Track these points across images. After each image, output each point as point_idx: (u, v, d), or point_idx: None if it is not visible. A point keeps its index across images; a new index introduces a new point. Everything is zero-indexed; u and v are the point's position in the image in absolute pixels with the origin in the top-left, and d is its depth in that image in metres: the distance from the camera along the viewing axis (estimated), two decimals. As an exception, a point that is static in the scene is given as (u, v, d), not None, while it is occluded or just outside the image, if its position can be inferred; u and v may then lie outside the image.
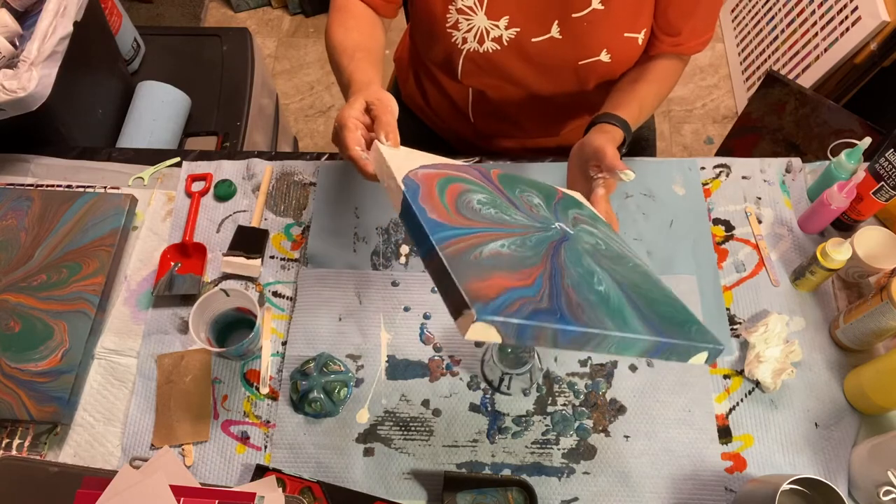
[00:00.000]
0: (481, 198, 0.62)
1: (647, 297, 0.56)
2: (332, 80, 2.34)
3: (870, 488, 0.75)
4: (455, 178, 0.64)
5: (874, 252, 0.87)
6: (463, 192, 0.61)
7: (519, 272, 0.52)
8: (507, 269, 0.52)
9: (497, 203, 0.62)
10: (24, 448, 0.84)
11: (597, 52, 0.86)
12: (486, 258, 0.52)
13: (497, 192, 0.65)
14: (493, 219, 0.58)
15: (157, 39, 1.53)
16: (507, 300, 0.48)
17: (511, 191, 0.67)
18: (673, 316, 0.56)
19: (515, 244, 0.56)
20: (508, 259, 0.53)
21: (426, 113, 1.12)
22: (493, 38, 0.86)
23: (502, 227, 0.57)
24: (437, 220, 0.54)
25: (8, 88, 0.94)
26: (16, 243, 0.94)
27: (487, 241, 0.54)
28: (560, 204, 0.68)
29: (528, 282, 0.51)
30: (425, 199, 0.57)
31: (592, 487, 0.80)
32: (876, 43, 1.58)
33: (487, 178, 0.68)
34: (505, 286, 0.50)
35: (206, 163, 1.06)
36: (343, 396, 0.85)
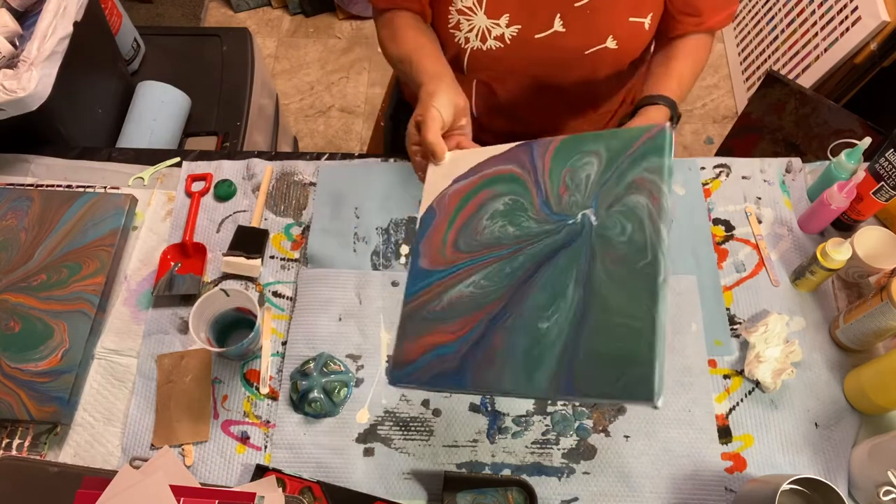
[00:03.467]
0: (499, 207, 0.66)
1: (603, 328, 0.56)
2: (332, 80, 2.34)
3: (870, 488, 0.75)
4: (485, 184, 0.67)
5: (874, 252, 0.87)
6: (482, 205, 0.67)
7: (460, 320, 0.61)
8: (451, 319, 0.61)
9: (515, 208, 0.65)
10: (24, 448, 0.84)
11: (602, 38, 0.86)
12: (440, 310, 0.62)
13: (531, 184, 0.65)
14: (490, 241, 0.64)
15: (157, 39, 1.53)
16: (422, 363, 0.60)
17: (562, 164, 0.65)
18: (616, 356, 0.54)
19: (488, 277, 0.62)
20: (465, 303, 0.62)
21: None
22: (495, 37, 0.86)
23: (493, 251, 0.63)
24: (423, 267, 0.66)
25: (8, 88, 0.94)
26: (16, 243, 0.94)
27: (459, 281, 0.63)
28: (629, 160, 0.62)
29: (460, 334, 0.60)
30: (430, 236, 0.67)
31: (592, 487, 0.80)
32: (876, 43, 1.58)
33: (537, 158, 0.67)
34: (432, 344, 0.61)
35: (206, 163, 1.06)
36: (343, 396, 0.85)
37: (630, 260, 0.57)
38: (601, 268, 0.58)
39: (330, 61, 2.39)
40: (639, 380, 0.52)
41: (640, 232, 0.57)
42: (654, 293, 0.54)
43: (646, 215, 0.58)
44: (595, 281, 0.57)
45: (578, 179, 0.63)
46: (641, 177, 0.60)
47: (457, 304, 0.62)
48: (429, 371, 0.60)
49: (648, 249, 0.56)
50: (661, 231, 0.56)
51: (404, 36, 0.86)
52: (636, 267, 0.56)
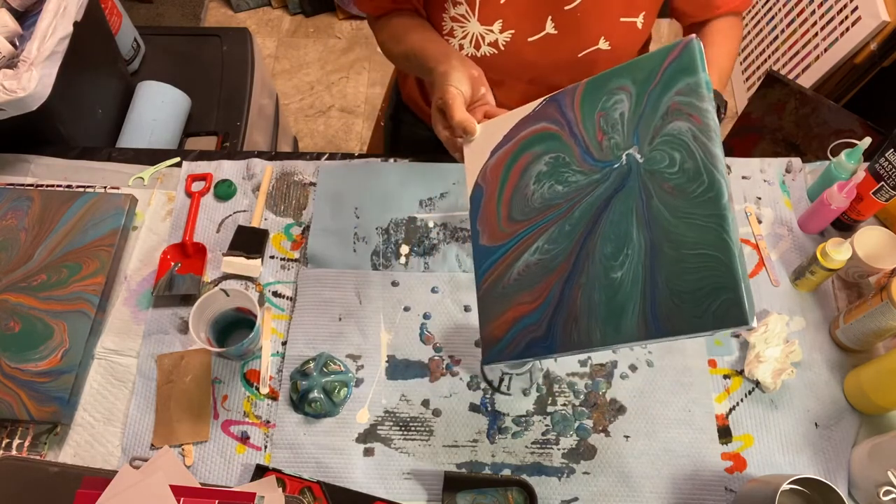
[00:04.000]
0: (542, 168, 0.64)
1: (677, 265, 0.54)
2: (331, 80, 2.34)
3: (870, 488, 0.75)
4: (523, 148, 0.66)
5: (874, 252, 0.87)
6: (525, 170, 0.66)
7: (535, 288, 0.61)
8: (527, 288, 0.62)
9: (558, 165, 0.64)
10: (24, 448, 0.84)
11: (594, 41, 0.86)
12: (513, 282, 0.63)
13: (568, 137, 0.64)
14: (543, 205, 0.63)
15: (157, 39, 1.53)
16: (511, 337, 0.61)
17: (593, 109, 0.63)
18: (698, 288, 0.53)
19: (551, 240, 0.61)
20: (534, 271, 0.62)
21: (426, 112, 1.12)
22: (489, 43, 0.86)
23: (548, 214, 0.63)
24: (485, 245, 0.66)
25: (8, 88, 0.94)
26: (16, 243, 0.94)
27: (523, 251, 0.63)
28: (659, 87, 0.59)
29: (538, 302, 0.60)
30: (483, 212, 0.67)
31: (592, 487, 0.80)
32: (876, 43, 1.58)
33: (566, 109, 0.66)
34: (515, 317, 0.61)
35: (206, 163, 1.06)
36: (343, 396, 0.85)
37: (687, 189, 0.55)
38: (659, 204, 0.56)
39: (330, 61, 2.39)
40: (729, 305, 0.51)
41: (691, 158, 0.55)
42: (720, 216, 0.52)
43: (690, 139, 0.55)
44: (657, 219, 0.56)
45: (613, 120, 0.61)
46: (675, 102, 0.57)
47: (527, 274, 0.62)
48: (518, 344, 0.61)
49: (704, 173, 0.54)
50: (712, 149, 0.54)
51: (405, 33, 0.87)
52: (695, 194, 0.54)
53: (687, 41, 0.57)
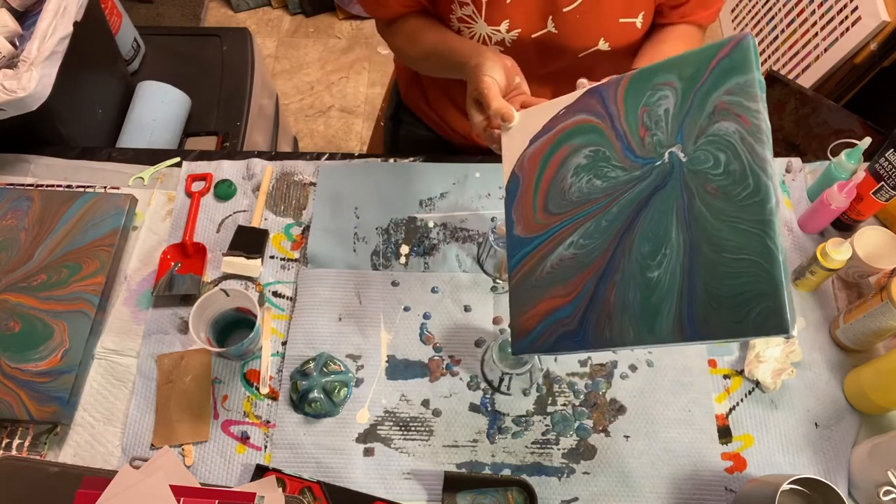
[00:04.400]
0: (581, 161, 0.63)
1: (717, 268, 0.53)
2: (331, 80, 2.34)
3: (870, 488, 0.75)
4: (562, 139, 0.65)
5: (874, 252, 0.87)
6: (563, 162, 0.64)
7: (569, 283, 0.60)
8: (561, 282, 0.61)
9: (597, 160, 0.62)
10: (24, 448, 0.84)
11: (594, 41, 0.86)
12: (546, 275, 0.62)
13: (609, 131, 0.62)
14: (580, 199, 0.62)
15: (157, 39, 1.53)
16: (542, 329, 0.61)
17: (636, 104, 0.61)
18: (739, 293, 0.52)
19: (586, 235, 0.61)
20: (568, 265, 0.61)
21: (426, 113, 1.12)
22: (495, 42, 0.86)
23: (585, 208, 0.61)
24: (519, 235, 0.65)
25: (8, 88, 0.94)
26: (16, 243, 0.94)
27: (557, 244, 0.62)
28: (707, 84, 0.57)
29: (572, 296, 0.60)
30: (519, 202, 0.66)
31: (592, 487, 0.80)
32: (876, 43, 1.58)
33: (609, 102, 0.64)
34: (547, 310, 0.61)
35: (206, 163, 1.06)
36: (343, 396, 0.85)
37: (731, 192, 0.53)
38: (702, 206, 0.54)
39: (330, 61, 2.39)
40: (769, 313, 0.49)
41: (736, 160, 0.53)
42: (766, 222, 0.51)
43: (738, 140, 0.53)
44: (699, 220, 0.54)
45: (657, 116, 0.59)
46: (723, 101, 0.54)
47: (561, 268, 0.61)
48: (550, 336, 0.60)
49: (750, 176, 0.52)
50: (760, 152, 0.52)
51: (421, 33, 0.87)
52: (739, 197, 0.52)
53: (740, 38, 0.55)
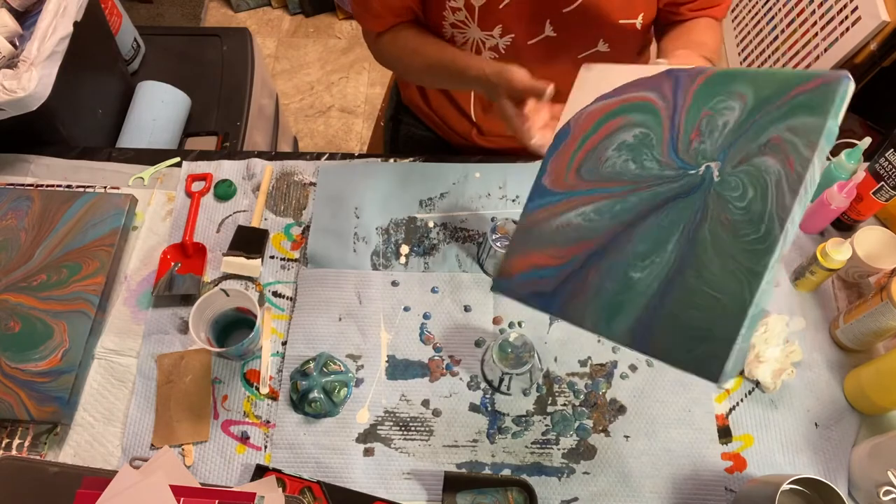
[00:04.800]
0: (628, 138, 0.62)
1: (691, 296, 0.53)
2: (332, 81, 2.34)
3: (870, 488, 0.75)
4: (622, 110, 0.64)
5: (874, 252, 0.87)
6: (612, 133, 0.64)
7: (564, 248, 0.62)
8: (559, 244, 0.62)
9: (643, 143, 0.61)
10: (24, 448, 0.84)
11: (594, 43, 0.86)
12: (550, 232, 0.63)
13: (666, 119, 0.61)
14: (610, 175, 0.62)
15: (157, 39, 1.53)
16: (522, 279, 0.63)
17: (704, 103, 0.59)
18: (696, 327, 0.52)
19: (598, 211, 0.61)
20: (571, 232, 0.62)
21: (426, 113, 1.12)
22: (489, 48, 0.86)
23: (610, 186, 0.61)
24: (545, 185, 0.66)
25: (8, 88, 0.94)
26: (16, 243, 0.94)
27: (572, 208, 0.63)
28: (776, 111, 0.53)
29: (560, 261, 0.61)
30: (559, 154, 0.66)
31: (592, 487, 0.80)
32: (876, 43, 1.58)
33: (680, 92, 0.62)
34: (535, 264, 0.63)
35: (206, 163, 1.06)
36: (343, 396, 0.85)
37: (740, 229, 0.51)
38: (708, 232, 0.53)
39: (330, 61, 2.39)
40: (711, 357, 0.49)
41: (761, 201, 0.51)
42: (754, 272, 0.49)
43: (773, 182, 0.51)
44: (698, 243, 0.53)
45: (714, 125, 0.56)
46: (780, 136, 0.51)
47: (564, 231, 0.62)
48: (525, 287, 0.62)
49: (764, 223, 0.50)
50: (788, 203, 0.49)
51: (421, 45, 0.87)
52: (745, 239, 0.51)
53: (835, 77, 0.50)
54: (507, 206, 1.00)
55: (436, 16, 0.85)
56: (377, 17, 0.88)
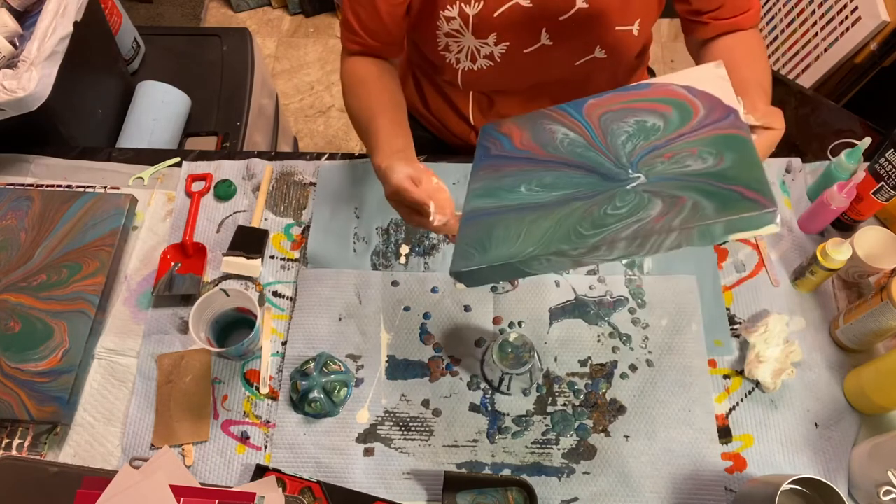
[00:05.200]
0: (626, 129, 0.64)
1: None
2: (332, 80, 2.34)
3: (870, 488, 0.75)
4: (628, 110, 0.66)
5: (874, 252, 0.87)
6: (614, 115, 0.66)
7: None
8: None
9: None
10: (24, 448, 0.84)
11: (590, 50, 0.86)
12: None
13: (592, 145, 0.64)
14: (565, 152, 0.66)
15: (157, 39, 1.53)
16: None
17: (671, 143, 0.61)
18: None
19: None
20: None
21: (425, 116, 1.12)
22: (484, 56, 0.86)
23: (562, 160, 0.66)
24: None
25: (8, 88, 0.94)
26: (16, 243, 0.94)
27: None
28: (714, 188, 0.56)
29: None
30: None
31: (592, 487, 0.80)
32: (876, 43, 1.58)
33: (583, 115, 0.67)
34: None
35: (206, 163, 1.06)
36: (343, 396, 0.85)
37: (604, 220, 0.57)
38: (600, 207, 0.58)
39: (330, 61, 2.39)
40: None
41: (628, 222, 0.56)
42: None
43: (645, 219, 0.55)
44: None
45: (678, 161, 0.59)
46: (688, 199, 0.54)
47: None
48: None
49: (603, 232, 0.56)
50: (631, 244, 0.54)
51: (366, 92, 0.83)
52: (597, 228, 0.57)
53: (764, 210, 0.52)
54: (507, 206, 1.00)
55: (429, 25, 0.85)
56: (352, 34, 0.85)
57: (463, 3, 0.81)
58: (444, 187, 0.69)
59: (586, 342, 0.89)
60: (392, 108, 0.81)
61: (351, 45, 0.86)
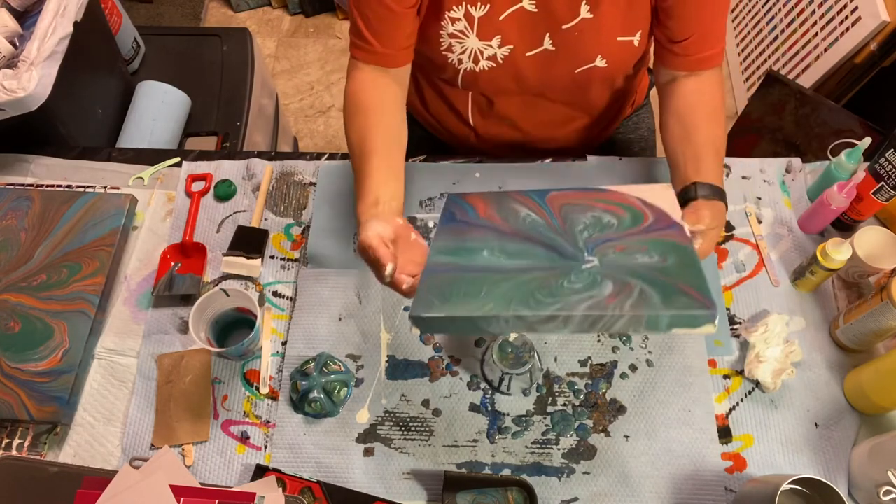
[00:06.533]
0: (586, 221, 0.69)
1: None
2: (332, 80, 2.34)
3: (870, 488, 0.75)
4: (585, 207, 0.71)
5: (874, 252, 0.87)
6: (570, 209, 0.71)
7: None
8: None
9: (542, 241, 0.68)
10: (24, 448, 0.84)
11: (591, 58, 0.86)
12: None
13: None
14: (524, 231, 0.69)
15: (157, 39, 1.53)
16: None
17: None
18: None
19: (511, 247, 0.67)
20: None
21: (424, 117, 1.12)
22: (487, 58, 0.86)
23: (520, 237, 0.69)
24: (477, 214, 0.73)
25: (8, 88, 0.94)
26: (16, 243, 0.94)
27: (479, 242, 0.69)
28: (658, 273, 0.61)
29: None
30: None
31: (592, 487, 0.80)
32: (876, 43, 1.58)
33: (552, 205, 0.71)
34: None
35: (206, 163, 1.06)
36: (343, 396, 0.85)
37: (556, 293, 0.60)
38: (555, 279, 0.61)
39: (330, 61, 2.39)
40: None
41: (580, 300, 0.59)
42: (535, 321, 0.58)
43: (595, 300, 0.58)
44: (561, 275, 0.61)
45: (628, 254, 0.65)
46: (634, 286, 0.58)
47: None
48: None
49: (558, 301, 0.59)
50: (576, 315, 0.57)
51: (361, 124, 0.82)
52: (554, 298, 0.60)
53: (705, 316, 0.55)
54: (507, 206, 1.00)
55: (433, 25, 0.85)
56: (360, 40, 0.83)
57: (469, 4, 0.81)
58: (421, 244, 0.72)
59: (586, 342, 0.89)
60: (387, 148, 0.80)
61: (359, 53, 0.85)
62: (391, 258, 0.68)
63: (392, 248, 0.70)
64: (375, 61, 0.84)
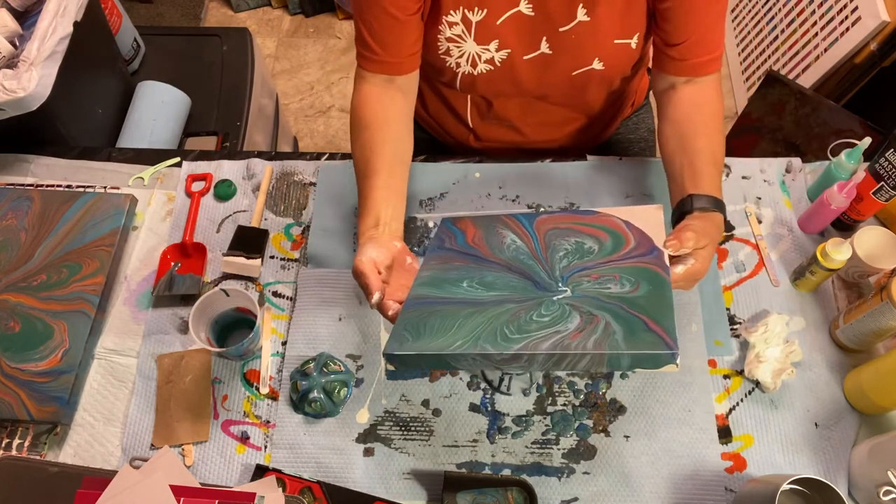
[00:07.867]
0: (567, 247, 0.72)
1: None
2: (332, 81, 2.34)
3: (870, 488, 0.75)
4: (569, 233, 0.74)
5: (874, 252, 0.87)
6: (551, 239, 0.74)
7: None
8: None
9: (528, 269, 0.71)
10: (24, 448, 0.84)
11: (588, 61, 0.86)
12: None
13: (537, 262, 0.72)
14: (508, 259, 0.73)
15: (157, 39, 1.53)
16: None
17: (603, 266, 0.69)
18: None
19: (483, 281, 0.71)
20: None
21: (424, 119, 1.12)
22: (485, 61, 0.86)
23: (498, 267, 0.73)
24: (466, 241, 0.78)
25: (8, 88, 0.94)
26: (16, 243, 0.94)
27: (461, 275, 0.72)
28: (628, 313, 0.62)
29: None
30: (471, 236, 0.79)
31: (592, 487, 0.80)
32: (876, 43, 1.58)
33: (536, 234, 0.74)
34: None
35: (206, 163, 1.06)
36: (343, 396, 0.85)
37: (524, 327, 0.63)
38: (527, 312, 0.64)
39: (330, 61, 2.39)
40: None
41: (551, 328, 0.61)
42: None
43: (564, 332, 0.60)
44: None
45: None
46: (601, 319, 0.60)
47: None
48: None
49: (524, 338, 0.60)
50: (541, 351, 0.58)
51: (366, 140, 0.83)
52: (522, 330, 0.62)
53: (670, 353, 0.57)
54: (507, 206, 1.00)
55: (431, 30, 0.85)
56: (366, 49, 0.83)
57: (466, 9, 0.81)
58: (415, 270, 0.75)
59: (586, 342, 0.89)
60: (389, 168, 0.82)
61: (366, 63, 0.85)
62: (379, 287, 0.71)
63: (385, 273, 0.74)
64: (382, 70, 0.85)
